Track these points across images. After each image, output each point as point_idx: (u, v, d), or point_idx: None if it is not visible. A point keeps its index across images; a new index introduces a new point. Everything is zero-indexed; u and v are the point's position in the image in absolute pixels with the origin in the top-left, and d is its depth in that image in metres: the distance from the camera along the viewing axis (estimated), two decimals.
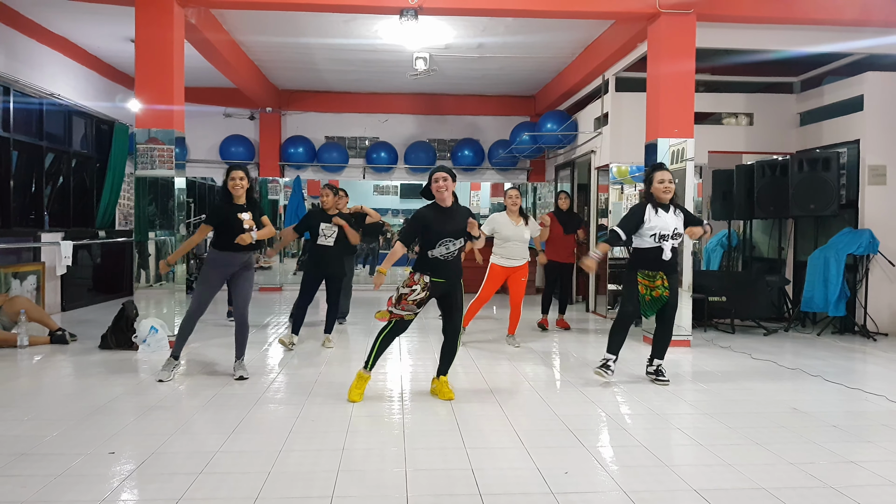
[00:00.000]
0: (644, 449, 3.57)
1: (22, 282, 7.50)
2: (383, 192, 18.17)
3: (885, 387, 4.98)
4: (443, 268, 4.36)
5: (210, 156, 11.68)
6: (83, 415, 4.04)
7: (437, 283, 4.38)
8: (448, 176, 4.35)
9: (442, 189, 4.33)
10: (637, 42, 7.38)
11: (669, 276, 4.89)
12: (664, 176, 4.89)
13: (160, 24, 6.21)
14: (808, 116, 8.46)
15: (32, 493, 2.89)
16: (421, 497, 2.91)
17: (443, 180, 4.33)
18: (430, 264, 4.36)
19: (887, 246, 7.24)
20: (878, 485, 3.12)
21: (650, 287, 4.87)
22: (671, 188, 4.89)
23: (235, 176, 4.88)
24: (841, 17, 6.72)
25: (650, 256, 4.87)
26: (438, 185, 4.33)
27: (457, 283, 4.48)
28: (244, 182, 4.90)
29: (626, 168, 8.76)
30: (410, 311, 4.35)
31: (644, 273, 4.89)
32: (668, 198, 4.89)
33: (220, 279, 4.99)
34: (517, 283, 6.40)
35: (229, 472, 3.17)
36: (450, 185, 4.35)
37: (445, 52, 8.96)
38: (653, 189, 4.91)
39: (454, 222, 4.36)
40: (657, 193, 4.89)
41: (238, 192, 4.89)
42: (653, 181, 4.91)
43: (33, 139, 8.19)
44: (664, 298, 4.87)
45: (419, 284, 4.32)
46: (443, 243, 4.32)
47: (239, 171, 4.92)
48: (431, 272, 4.35)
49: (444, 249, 4.33)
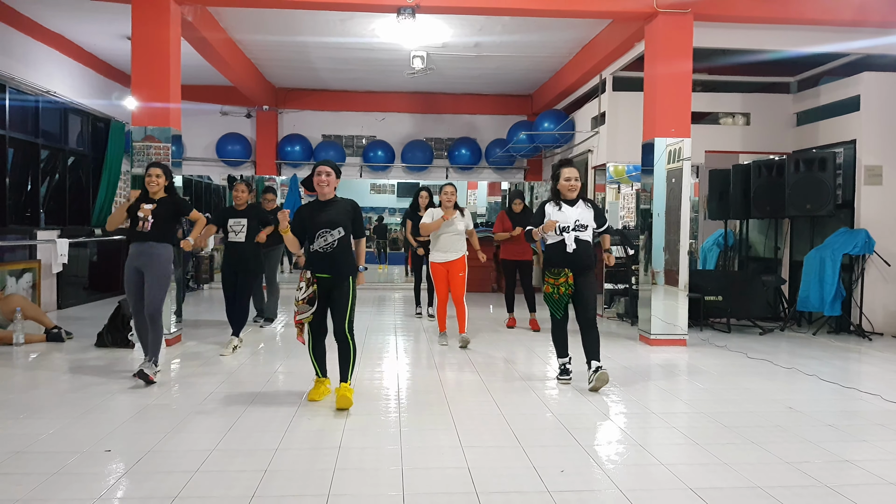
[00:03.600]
0: (639, 447, 3.58)
1: (18, 280, 7.48)
2: (380, 190, 18.18)
3: (879, 386, 5.00)
4: (324, 261, 4.25)
5: (207, 154, 11.67)
6: (79, 413, 4.03)
7: (322, 280, 4.26)
8: (332, 171, 4.33)
9: (322, 184, 4.30)
10: (634, 41, 7.39)
11: (578, 272, 4.79)
12: (570, 174, 4.87)
13: (157, 22, 6.20)
14: (805, 116, 8.48)
15: (28, 492, 2.88)
16: (417, 495, 2.91)
17: (325, 175, 4.30)
18: (311, 259, 4.32)
19: (883, 246, 7.26)
20: (872, 484, 3.13)
21: (555, 285, 4.81)
22: (576, 186, 4.87)
23: (152, 173, 4.97)
24: (838, 18, 6.73)
25: (556, 251, 4.84)
26: (320, 179, 4.30)
27: (342, 281, 4.27)
28: (160, 179, 4.97)
29: (622, 167, 8.77)
30: (304, 310, 4.23)
31: (550, 271, 4.84)
32: (572, 195, 4.88)
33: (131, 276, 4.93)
34: (455, 279, 6.33)
35: (225, 470, 3.17)
36: (332, 181, 4.31)
37: (442, 50, 8.96)
38: (559, 186, 4.91)
39: (330, 213, 4.28)
40: (562, 190, 4.89)
41: (153, 189, 4.96)
42: (559, 178, 4.91)
43: (29, 137, 8.17)
44: (566, 297, 4.80)
45: (304, 281, 4.26)
46: (320, 234, 4.25)
47: (157, 167, 5.00)
48: (313, 267, 4.28)
49: (322, 241, 4.25)
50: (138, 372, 4.71)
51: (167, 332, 6.10)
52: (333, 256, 4.26)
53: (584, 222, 4.85)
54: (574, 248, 4.78)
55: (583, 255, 4.82)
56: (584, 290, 4.82)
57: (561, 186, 4.90)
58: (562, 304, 4.85)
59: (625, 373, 5.35)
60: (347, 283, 4.30)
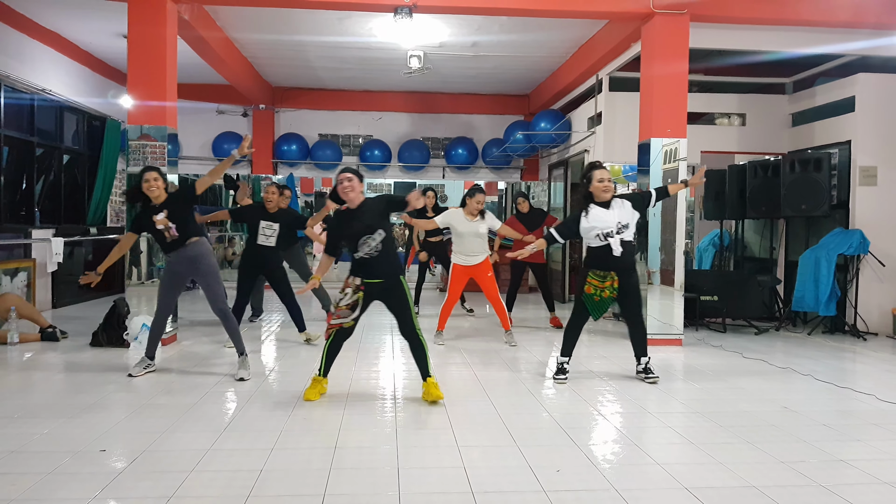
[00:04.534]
0: (635, 447, 3.58)
1: (12, 279, 7.46)
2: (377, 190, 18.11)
3: (874, 386, 5.02)
4: (372, 266, 4.27)
5: (203, 153, 11.63)
6: (74, 412, 4.02)
7: (372, 284, 4.28)
8: (353, 176, 4.31)
9: (347, 190, 4.29)
10: (631, 42, 7.40)
11: (622, 274, 4.80)
12: (603, 175, 4.84)
13: (153, 20, 6.18)
14: (800, 117, 8.50)
15: (22, 491, 2.87)
16: (413, 495, 2.91)
17: (347, 181, 4.29)
18: (358, 265, 4.32)
19: (878, 246, 7.28)
20: (867, 483, 3.14)
21: (599, 288, 4.80)
22: (610, 187, 4.83)
23: (149, 177, 4.78)
24: (833, 19, 6.75)
25: (600, 254, 4.82)
26: (343, 187, 4.29)
27: (395, 282, 4.33)
28: (159, 183, 4.81)
29: (619, 167, 8.79)
30: (345, 316, 4.27)
31: (595, 273, 4.82)
32: (607, 196, 4.83)
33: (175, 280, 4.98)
34: (485, 280, 6.33)
35: (221, 469, 3.16)
36: (355, 186, 4.30)
37: (440, 50, 8.96)
38: (592, 188, 4.87)
39: (364, 219, 4.27)
40: (596, 192, 4.85)
41: (154, 194, 4.80)
42: (592, 180, 4.87)
43: (24, 135, 8.14)
44: (609, 301, 4.81)
45: (350, 288, 4.27)
46: (363, 242, 4.25)
47: (152, 171, 4.83)
48: (363, 274, 4.29)
49: (366, 248, 4.26)
50: (239, 378, 4.83)
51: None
52: (380, 260, 4.28)
53: (626, 221, 4.81)
54: (621, 252, 4.77)
55: (628, 256, 4.85)
56: (631, 290, 4.86)
57: (595, 188, 4.84)
58: (603, 308, 4.84)
59: (621, 372, 5.35)
60: (399, 282, 4.35)
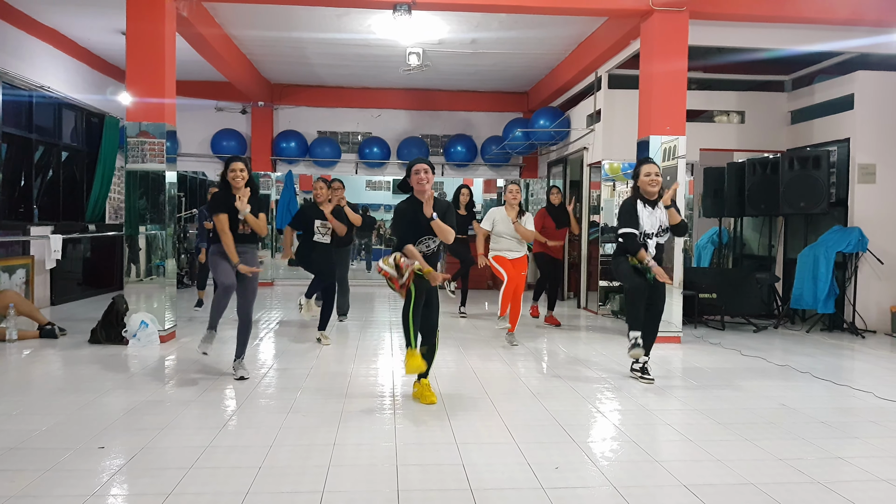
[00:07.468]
0: (633, 444, 3.59)
1: (11, 275, 7.45)
2: (376, 187, 18.13)
3: (872, 383, 5.03)
4: (426, 260, 4.26)
5: (201, 150, 11.62)
6: (73, 409, 4.02)
7: (419, 277, 4.22)
8: (429, 168, 4.24)
9: (422, 181, 4.19)
10: (630, 39, 7.39)
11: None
12: (650, 169, 4.86)
13: (151, 17, 6.17)
14: (799, 115, 8.50)
15: (21, 488, 2.88)
16: (412, 492, 2.91)
17: (424, 172, 4.20)
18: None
19: (876, 244, 7.29)
20: (865, 480, 3.15)
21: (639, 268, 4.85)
22: (657, 181, 4.85)
23: (235, 168, 4.70)
24: (833, 17, 6.75)
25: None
26: (419, 178, 4.20)
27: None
28: (244, 174, 4.72)
29: (618, 165, 8.77)
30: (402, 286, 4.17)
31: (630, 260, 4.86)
32: (655, 191, 4.86)
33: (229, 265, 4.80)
34: (518, 278, 6.33)
35: (219, 466, 3.17)
36: (430, 178, 4.22)
37: (439, 47, 8.95)
38: (640, 182, 4.89)
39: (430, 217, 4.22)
40: (644, 186, 4.86)
41: (238, 184, 4.70)
42: (640, 174, 4.90)
43: (23, 132, 8.13)
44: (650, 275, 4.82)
45: (407, 270, 4.14)
46: (422, 241, 4.25)
47: (238, 161, 4.75)
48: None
49: (423, 247, 4.26)
50: (239, 377, 4.78)
51: (161, 328, 6.09)
52: (430, 260, 4.28)
53: (666, 225, 4.87)
54: (654, 255, 4.81)
55: (659, 256, 4.88)
56: (658, 287, 4.87)
57: (642, 182, 4.86)
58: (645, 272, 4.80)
59: (619, 370, 5.36)
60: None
